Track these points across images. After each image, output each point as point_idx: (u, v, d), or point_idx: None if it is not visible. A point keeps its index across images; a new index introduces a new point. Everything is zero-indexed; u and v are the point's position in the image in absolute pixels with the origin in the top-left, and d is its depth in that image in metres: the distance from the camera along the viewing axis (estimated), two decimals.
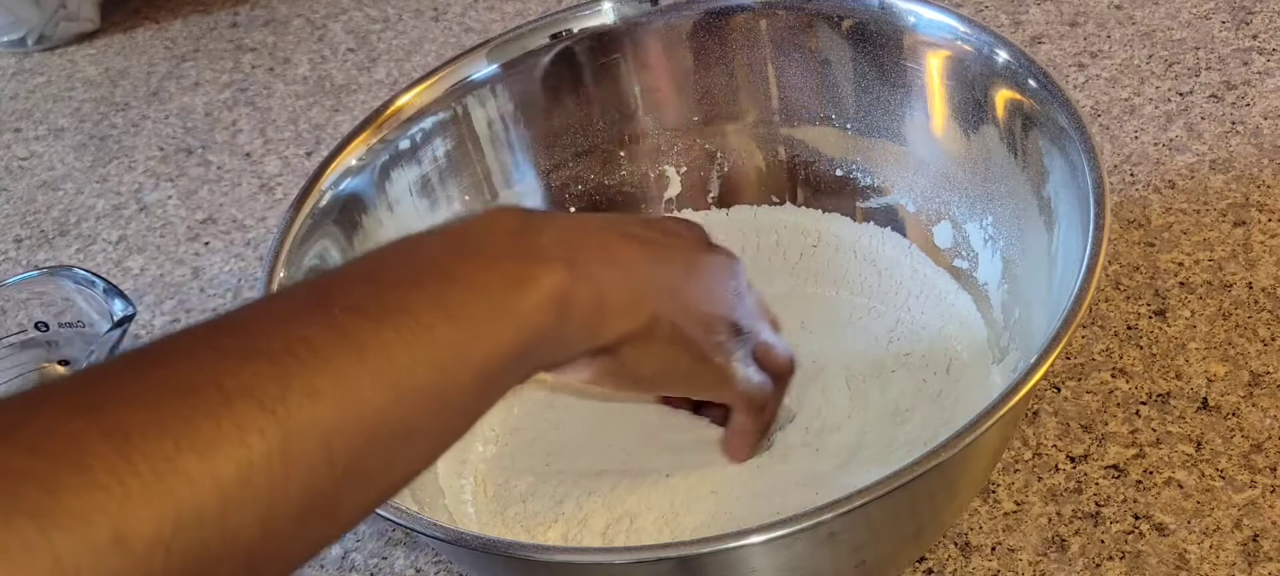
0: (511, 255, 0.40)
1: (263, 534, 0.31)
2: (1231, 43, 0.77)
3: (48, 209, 0.87)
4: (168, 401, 0.30)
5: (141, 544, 0.28)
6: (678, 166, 0.68)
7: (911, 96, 0.61)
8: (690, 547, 0.43)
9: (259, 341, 0.32)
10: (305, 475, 0.31)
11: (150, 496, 0.28)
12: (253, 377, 0.31)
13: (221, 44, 1.00)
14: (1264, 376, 0.58)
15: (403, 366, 0.34)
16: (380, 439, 0.34)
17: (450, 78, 0.63)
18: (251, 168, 0.86)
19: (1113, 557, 0.52)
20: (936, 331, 0.60)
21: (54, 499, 0.27)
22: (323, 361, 0.32)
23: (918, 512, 0.48)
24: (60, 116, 0.96)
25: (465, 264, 0.38)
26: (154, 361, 0.32)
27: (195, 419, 0.30)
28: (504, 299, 0.38)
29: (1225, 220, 0.65)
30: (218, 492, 0.29)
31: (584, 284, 0.41)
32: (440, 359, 0.36)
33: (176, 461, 0.29)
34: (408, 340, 0.35)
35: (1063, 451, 0.56)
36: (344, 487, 0.33)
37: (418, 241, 0.40)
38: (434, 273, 0.38)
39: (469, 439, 0.59)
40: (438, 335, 0.36)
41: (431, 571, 0.57)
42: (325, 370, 0.32)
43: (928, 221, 0.62)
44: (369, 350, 0.34)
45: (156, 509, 0.28)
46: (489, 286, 0.38)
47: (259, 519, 0.30)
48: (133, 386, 0.30)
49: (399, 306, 0.35)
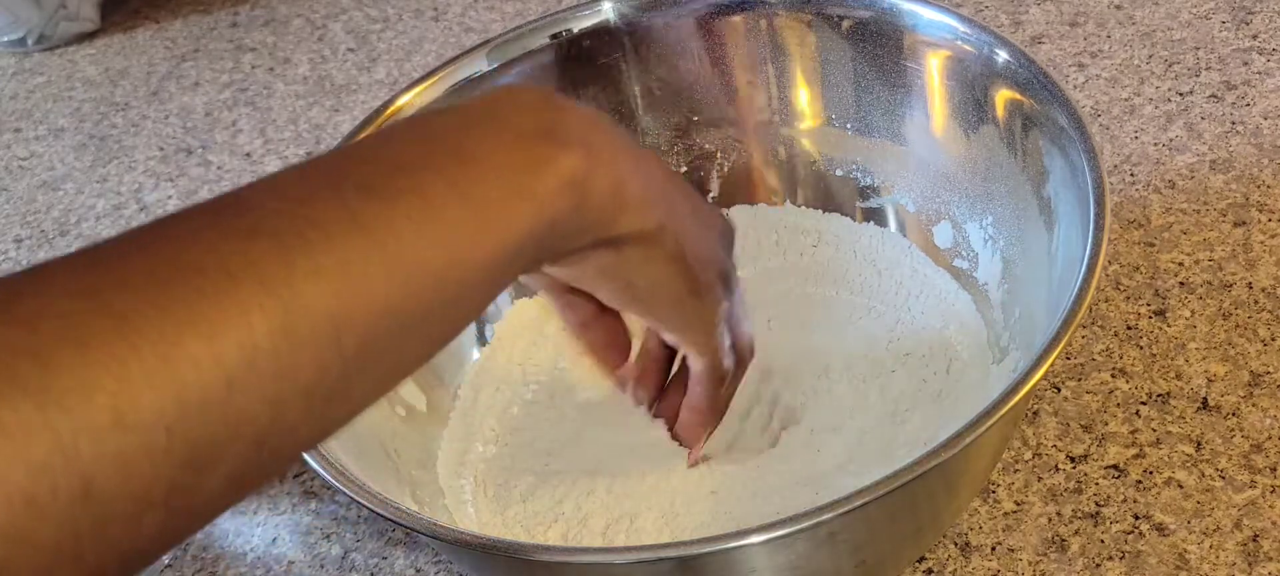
0: (530, 135, 0.38)
1: (271, 416, 0.30)
2: (1231, 43, 0.77)
3: (48, 209, 0.87)
4: (170, 280, 0.29)
5: (143, 423, 0.27)
6: (678, 166, 0.68)
7: (911, 96, 0.61)
8: (690, 547, 0.43)
9: (266, 220, 0.32)
10: (312, 358, 0.31)
11: (151, 377, 0.28)
12: (257, 257, 0.30)
13: (221, 44, 1.00)
14: (1264, 376, 0.58)
15: (413, 249, 0.33)
16: (389, 322, 0.33)
17: (450, 78, 0.63)
18: (251, 168, 0.86)
19: (1113, 557, 0.52)
20: (936, 331, 0.60)
21: (52, 375, 0.27)
22: (330, 242, 0.32)
23: (918, 512, 0.48)
24: (60, 116, 0.96)
25: (482, 143, 0.37)
26: (158, 237, 0.31)
27: (197, 300, 0.29)
28: (520, 180, 0.37)
29: (1225, 220, 0.65)
30: (222, 374, 0.29)
31: (603, 170, 0.39)
32: (452, 242, 0.35)
33: (179, 342, 0.28)
34: (418, 222, 0.34)
35: (1063, 451, 0.56)
36: (353, 370, 0.32)
37: (434, 118, 0.38)
38: (448, 151, 0.36)
39: (469, 439, 0.59)
40: (450, 216, 0.35)
41: (431, 571, 0.57)
42: (332, 252, 0.32)
43: (928, 221, 0.62)
44: (378, 232, 0.33)
45: (158, 389, 0.28)
46: (505, 167, 0.36)
47: (266, 400, 0.30)
48: (134, 264, 0.30)
49: (411, 187, 0.34)
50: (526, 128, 0.38)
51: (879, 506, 0.41)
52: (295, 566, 0.59)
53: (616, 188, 0.40)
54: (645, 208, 0.42)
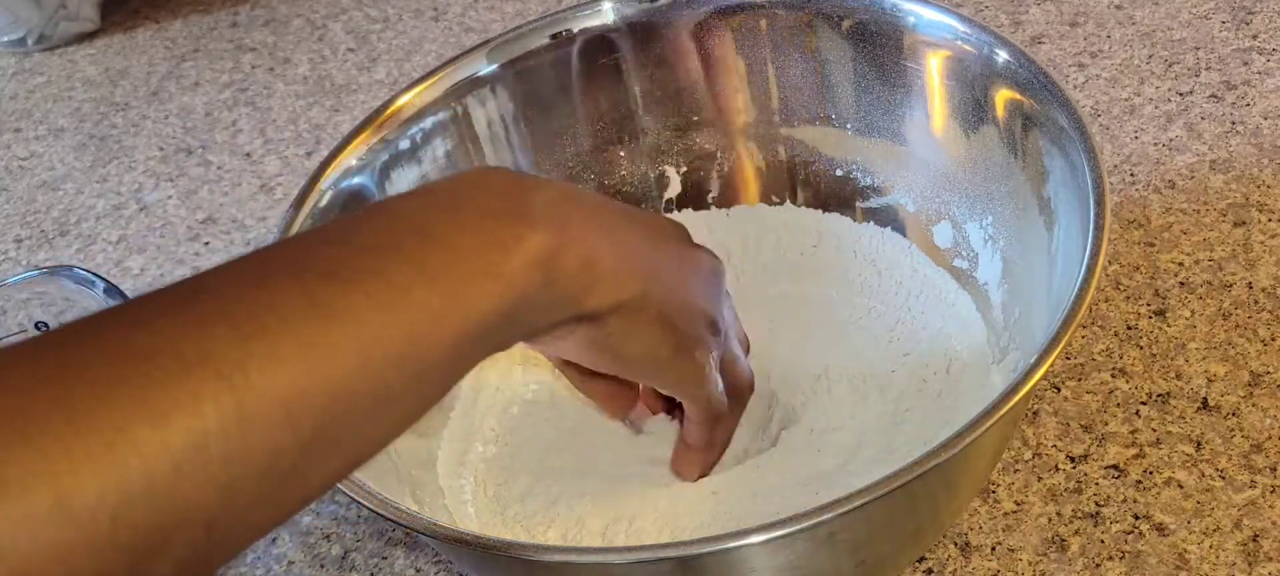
0: (497, 215, 0.38)
1: (221, 501, 0.30)
2: (1231, 43, 0.77)
3: (48, 209, 0.87)
4: (121, 369, 0.29)
5: (85, 511, 0.27)
6: (678, 166, 0.68)
7: (911, 96, 0.61)
8: (690, 547, 0.43)
9: (223, 304, 0.32)
10: (265, 442, 0.30)
11: (96, 464, 0.28)
12: (212, 344, 0.30)
13: (221, 44, 1.00)
14: (1264, 376, 0.58)
15: (373, 331, 0.33)
16: (348, 406, 0.33)
17: (450, 78, 0.63)
18: (251, 168, 0.86)
19: (1113, 557, 0.52)
20: (936, 331, 0.60)
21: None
22: (287, 327, 0.31)
23: (918, 512, 0.48)
24: (60, 116, 0.96)
25: (446, 223, 0.37)
26: (112, 326, 0.31)
27: (147, 387, 0.29)
28: (486, 259, 0.37)
29: (1225, 220, 0.65)
30: (169, 460, 0.29)
31: (574, 246, 0.39)
32: (415, 323, 0.34)
33: (125, 430, 0.28)
34: (380, 304, 0.33)
35: (1063, 451, 0.56)
36: (310, 454, 0.32)
37: (398, 201, 0.38)
38: (412, 232, 0.36)
39: (469, 439, 0.59)
40: (413, 298, 0.34)
41: (431, 571, 0.57)
42: (289, 336, 0.31)
43: (928, 221, 0.62)
44: (338, 314, 0.33)
45: (102, 476, 0.28)
46: (471, 247, 0.36)
47: (216, 486, 0.30)
48: (89, 352, 0.30)
49: (372, 269, 0.34)
50: (494, 208, 0.38)
51: (879, 506, 0.41)
52: (295, 566, 0.59)
53: (587, 263, 0.40)
54: (621, 279, 0.42)
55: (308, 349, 0.32)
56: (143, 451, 0.28)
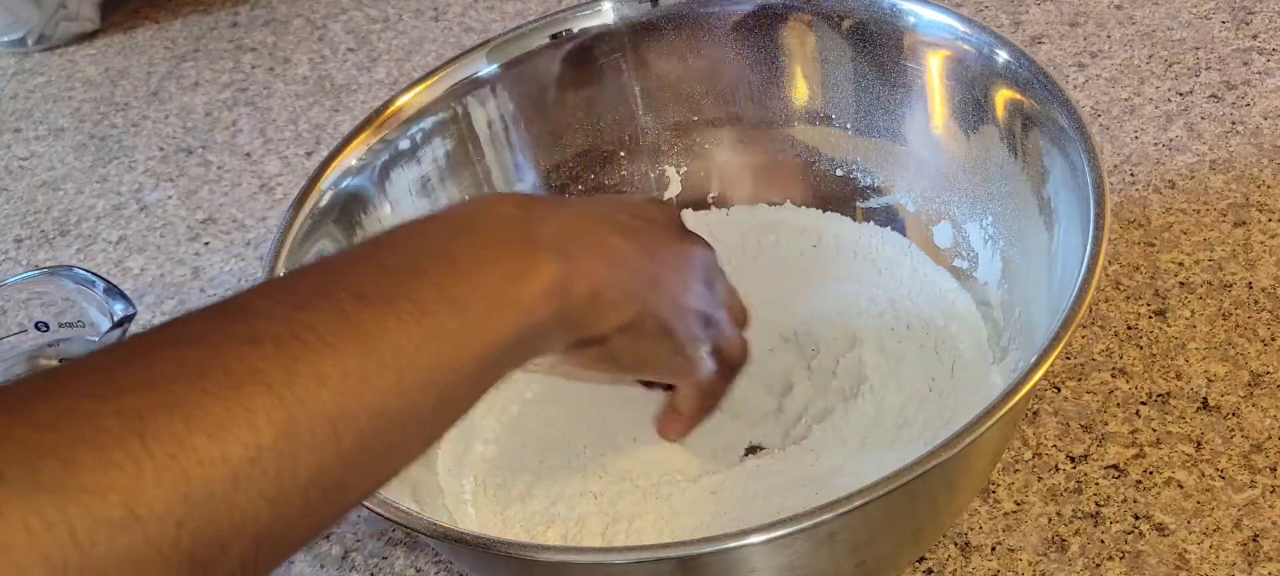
0: (512, 244, 0.40)
1: (272, 512, 0.31)
2: (1231, 43, 0.77)
3: (48, 209, 0.87)
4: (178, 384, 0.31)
5: (154, 520, 0.28)
6: (678, 166, 0.68)
7: (911, 96, 0.61)
8: (690, 547, 0.43)
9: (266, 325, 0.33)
10: (312, 456, 0.32)
11: (162, 474, 0.29)
12: (260, 362, 0.32)
13: (221, 44, 1.00)
14: (1264, 376, 0.58)
15: (407, 354, 0.35)
16: (385, 423, 0.35)
17: (450, 78, 0.63)
18: (251, 168, 0.86)
19: (1113, 557, 0.52)
20: (937, 331, 0.59)
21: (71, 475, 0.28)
22: (328, 347, 0.33)
23: (917, 512, 0.48)
24: (60, 116, 0.96)
25: (468, 252, 0.39)
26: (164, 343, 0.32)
27: (205, 401, 0.30)
28: (505, 289, 0.39)
29: (1225, 220, 0.65)
30: (228, 472, 0.30)
31: (581, 278, 0.42)
32: (443, 347, 0.37)
33: (187, 442, 0.29)
34: (411, 328, 0.36)
35: (1063, 451, 0.56)
36: (350, 469, 0.34)
37: (421, 227, 0.41)
38: (437, 260, 0.38)
39: (469, 439, 0.59)
40: (441, 324, 0.37)
41: (431, 571, 0.57)
42: (331, 356, 0.33)
43: (928, 221, 0.62)
44: (374, 337, 0.35)
45: (169, 487, 0.29)
46: (491, 277, 0.39)
47: (267, 498, 0.31)
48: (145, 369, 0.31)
49: (403, 294, 0.36)
50: (508, 238, 0.41)
51: (879, 506, 0.41)
52: (295, 566, 0.59)
53: (594, 294, 0.43)
54: (623, 303, 0.45)
55: (348, 368, 0.33)
56: (203, 463, 0.30)
